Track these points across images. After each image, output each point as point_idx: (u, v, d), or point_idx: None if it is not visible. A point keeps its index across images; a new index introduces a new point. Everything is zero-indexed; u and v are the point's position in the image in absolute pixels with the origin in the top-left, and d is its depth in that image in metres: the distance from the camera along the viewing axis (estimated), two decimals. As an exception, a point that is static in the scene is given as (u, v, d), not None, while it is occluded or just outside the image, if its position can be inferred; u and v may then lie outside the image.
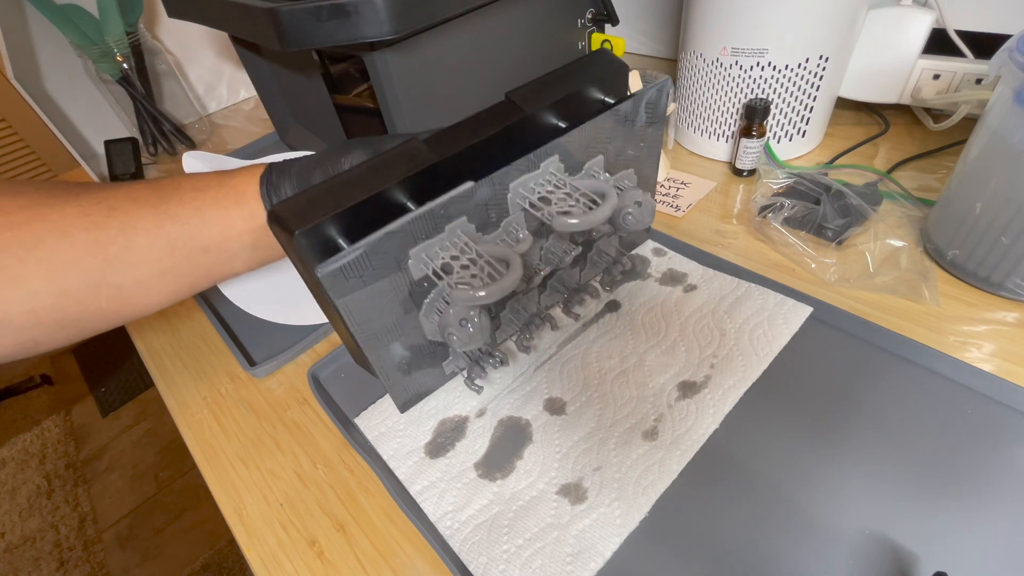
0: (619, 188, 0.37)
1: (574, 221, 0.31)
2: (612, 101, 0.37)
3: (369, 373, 0.39)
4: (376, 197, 0.30)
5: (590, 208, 0.31)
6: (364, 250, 0.28)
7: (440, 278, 0.31)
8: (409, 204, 0.31)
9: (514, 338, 0.42)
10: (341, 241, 0.30)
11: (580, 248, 0.40)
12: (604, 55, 0.38)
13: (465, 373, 0.39)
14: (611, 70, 0.38)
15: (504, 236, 0.35)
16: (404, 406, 0.39)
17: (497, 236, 0.35)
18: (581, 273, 0.44)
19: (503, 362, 0.40)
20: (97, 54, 0.79)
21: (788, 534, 0.32)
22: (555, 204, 0.32)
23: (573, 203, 0.32)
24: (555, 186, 0.34)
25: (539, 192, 0.34)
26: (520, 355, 0.43)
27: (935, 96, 0.55)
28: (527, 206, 0.33)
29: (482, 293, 0.28)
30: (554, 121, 0.36)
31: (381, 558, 0.35)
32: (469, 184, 0.30)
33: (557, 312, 0.43)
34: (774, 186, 0.54)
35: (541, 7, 0.56)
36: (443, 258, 0.31)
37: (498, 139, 0.33)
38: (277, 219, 0.29)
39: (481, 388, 0.39)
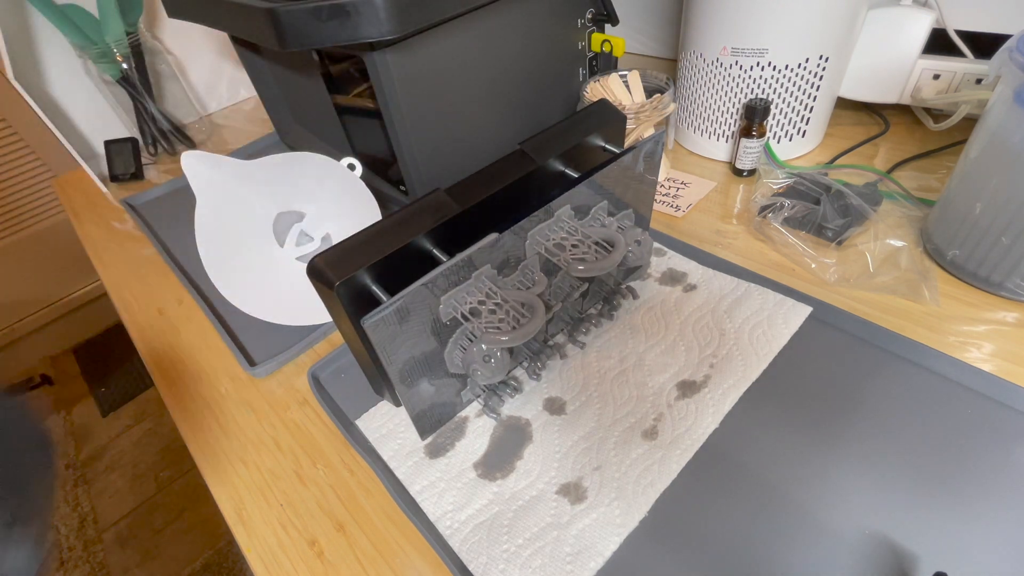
0: (620, 228, 0.41)
1: (584, 268, 0.34)
2: (612, 148, 0.41)
3: (392, 403, 0.42)
4: (406, 246, 0.32)
5: (600, 255, 0.35)
6: (403, 301, 0.31)
7: (468, 320, 0.33)
8: (435, 251, 0.34)
9: (525, 365, 0.43)
10: (375, 288, 0.32)
11: (587, 285, 0.43)
12: (605, 106, 0.42)
13: (482, 401, 0.41)
14: (611, 119, 0.41)
15: (521, 278, 0.37)
16: (425, 434, 0.40)
17: (515, 278, 0.37)
18: (584, 303, 0.45)
19: (517, 390, 0.42)
20: (97, 54, 0.78)
21: (788, 533, 0.32)
22: (569, 251, 0.36)
23: (586, 250, 0.35)
24: (568, 232, 0.37)
25: (553, 239, 0.37)
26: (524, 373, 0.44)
27: (935, 96, 0.55)
28: (543, 251, 0.36)
29: (507, 338, 0.31)
30: (563, 169, 0.39)
31: (381, 558, 0.35)
32: (494, 235, 0.33)
33: (561, 339, 0.45)
34: (774, 186, 0.54)
35: (541, 7, 0.56)
36: (470, 303, 0.34)
37: (514, 188, 0.36)
38: (316, 272, 0.31)
39: (499, 415, 0.40)
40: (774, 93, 0.55)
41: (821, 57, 0.52)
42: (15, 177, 1.45)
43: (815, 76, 0.54)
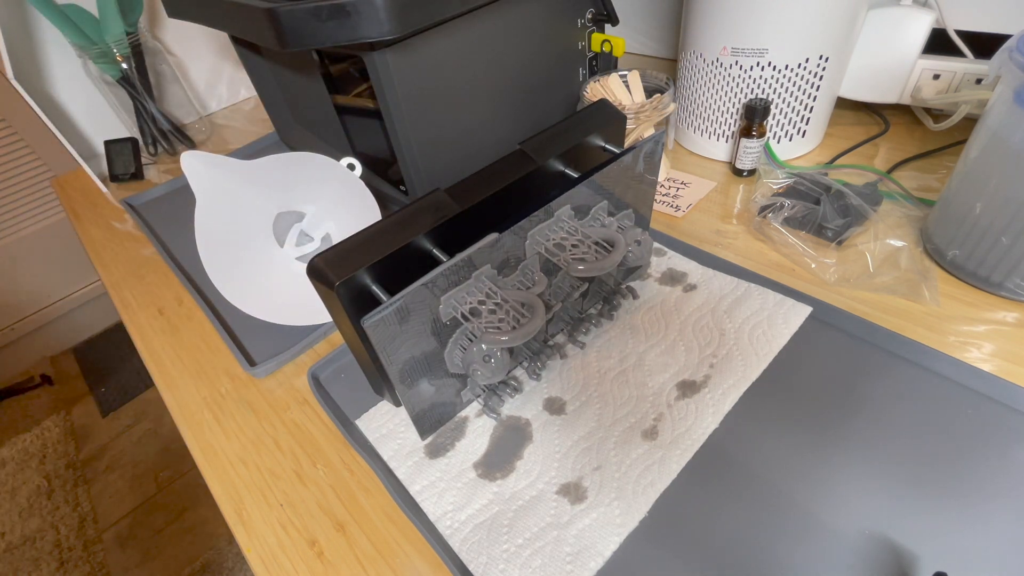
0: (620, 228, 0.41)
1: (584, 268, 0.34)
2: (612, 148, 0.41)
3: (392, 403, 0.42)
4: (406, 246, 0.32)
5: (600, 255, 0.35)
6: (403, 301, 0.31)
7: (468, 320, 0.33)
8: (435, 251, 0.34)
9: (525, 365, 0.43)
10: (375, 288, 0.32)
11: (587, 285, 0.43)
12: (605, 106, 0.42)
13: (482, 401, 0.41)
14: (611, 119, 0.41)
15: (521, 278, 0.37)
16: (425, 434, 0.40)
17: (515, 278, 0.37)
18: (584, 303, 0.45)
19: (517, 390, 0.42)
20: (97, 54, 0.78)
21: (788, 534, 0.32)
22: (569, 251, 0.36)
23: (586, 250, 0.35)
24: (568, 232, 0.37)
25: (553, 239, 0.37)
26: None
27: (935, 96, 0.55)
28: (543, 251, 0.36)
29: (507, 338, 0.31)
30: (563, 169, 0.39)
31: (381, 558, 0.35)
32: (494, 235, 0.33)
33: (561, 339, 0.45)
34: (774, 186, 0.54)
35: (541, 7, 0.56)
36: (470, 303, 0.34)
37: (514, 188, 0.36)
38: (316, 272, 0.31)
39: (499, 415, 0.40)
40: (774, 93, 0.55)
41: (821, 57, 0.52)
42: (15, 177, 1.45)
43: (815, 76, 0.54)
